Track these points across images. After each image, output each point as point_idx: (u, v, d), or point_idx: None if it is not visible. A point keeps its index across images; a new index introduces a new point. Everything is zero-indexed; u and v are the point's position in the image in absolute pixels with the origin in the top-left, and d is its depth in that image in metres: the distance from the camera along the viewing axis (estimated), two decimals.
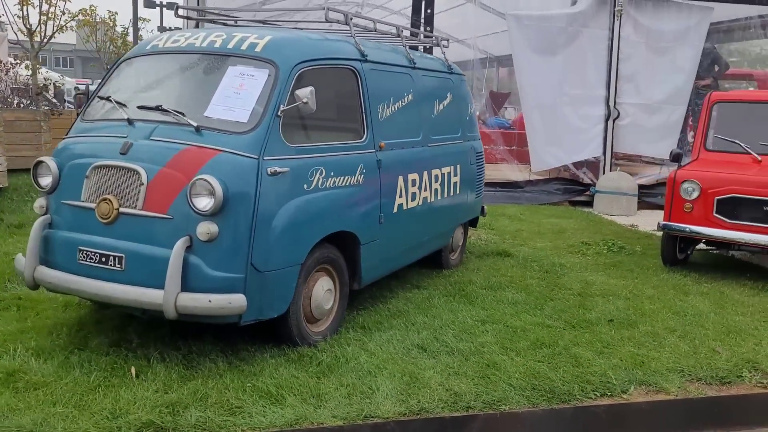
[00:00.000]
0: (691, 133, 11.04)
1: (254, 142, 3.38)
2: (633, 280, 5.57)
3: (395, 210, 4.40)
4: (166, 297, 3.15)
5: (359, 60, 4.17)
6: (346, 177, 3.90)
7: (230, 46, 3.73)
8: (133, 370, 3.34)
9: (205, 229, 3.20)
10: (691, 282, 5.56)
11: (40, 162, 3.66)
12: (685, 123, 10.59)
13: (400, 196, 4.46)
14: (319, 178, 3.67)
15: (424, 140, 4.86)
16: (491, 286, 5.14)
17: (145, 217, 3.31)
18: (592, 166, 10.20)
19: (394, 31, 5.08)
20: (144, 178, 3.32)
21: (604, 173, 9.92)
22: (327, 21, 4.14)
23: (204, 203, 3.20)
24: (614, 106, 9.89)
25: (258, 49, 3.66)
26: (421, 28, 8.98)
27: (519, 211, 8.78)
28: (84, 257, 3.41)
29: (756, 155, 5.86)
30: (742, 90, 10.94)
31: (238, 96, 3.52)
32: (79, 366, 3.37)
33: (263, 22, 5.00)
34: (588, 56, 9.79)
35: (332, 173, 3.77)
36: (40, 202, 3.68)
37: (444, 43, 5.80)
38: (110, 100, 3.75)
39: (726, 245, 5.94)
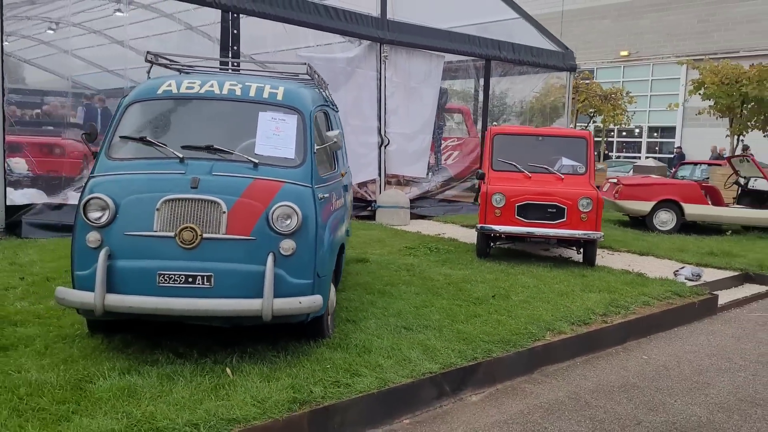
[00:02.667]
0: (432, 155, 13.68)
1: (305, 175, 4.23)
2: (471, 269, 7.38)
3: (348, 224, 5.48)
4: (265, 303, 3.84)
5: (328, 105, 5.17)
6: (339, 200, 4.90)
7: (252, 94, 4.46)
8: (228, 370, 3.91)
9: (288, 245, 3.97)
10: (507, 267, 7.59)
11: (94, 198, 3.92)
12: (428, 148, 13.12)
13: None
14: (334, 202, 4.63)
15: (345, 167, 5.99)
16: (389, 284, 6.43)
17: (229, 240, 3.92)
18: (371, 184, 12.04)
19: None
20: (224, 207, 3.92)
21: (380, 191, 11.81)
22: (299, 74, 5.06)
23: (287, 224, 3.97)
24: (384, 135, 11.88)
25: (279, 97, 4.48)
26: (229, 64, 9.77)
27: None
28: (165, 280, 3.85)
29: (527, 173, 8.20)
30: (513, 125, 13.77)
31: (278, 137, 4.31)
32: (174, 377, 3.80)
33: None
34: (363, 93, 11.61)
35: (335, 197, 4.75)
36: (93, 236, 3.92)
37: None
38: (146, 141, 4.17)
39: (521, 239, 8.16)
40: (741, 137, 15.29)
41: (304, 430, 3.54)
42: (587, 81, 18.90)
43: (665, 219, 11.69)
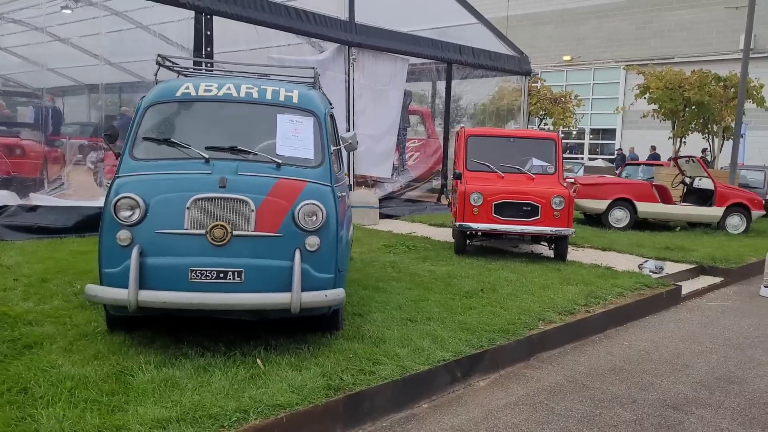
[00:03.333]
0: (397, 155, 13.98)
1: (325, 174, 4.45)
2: (452, 266, 7.70)
3: None
4: (294, 297, 4.03)
5: (332, 107, 5.38)
6: (348, 198, 5.12)
7: (268, 97, 4.64)
8: (259, 361, 4.09)
9: (313, 241, 4.18)
10: (485, 263, 7.95)
11: (125, 197, 4.03)
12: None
13: None
14: (346, 200, 4.85)
15: None
16: (380, 280, 6.68)
17: (258, 237, 4.09)
18: None
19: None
20: (252, 205, 4.09)
21: (350, 191, 12.03)
22: (305, 77, 5.26)
23: (313, 221, 4.17)
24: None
25: (295, 100, 4.67)
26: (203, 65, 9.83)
27: None
28: (197, 276, 3.99)
29: (500, 173, 8.59)
30: (485, 127, 14.15)
31: (297, 138, 4.50)
32: (209, 368, 3.95)
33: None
34: (333, 95, 11.72)
35: (346, 196, 4.97)
36: (124, 234, 4.03)
37: None
38: (171, 142, 4.30)
39: (496, 236, 8.54)
40: (683, 139, 16.21)
41: (340, 415, 3.76)
42: (538, 84, 19.58)
43: (619, 216, 12.33)
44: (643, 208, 12.32)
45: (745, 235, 12.17)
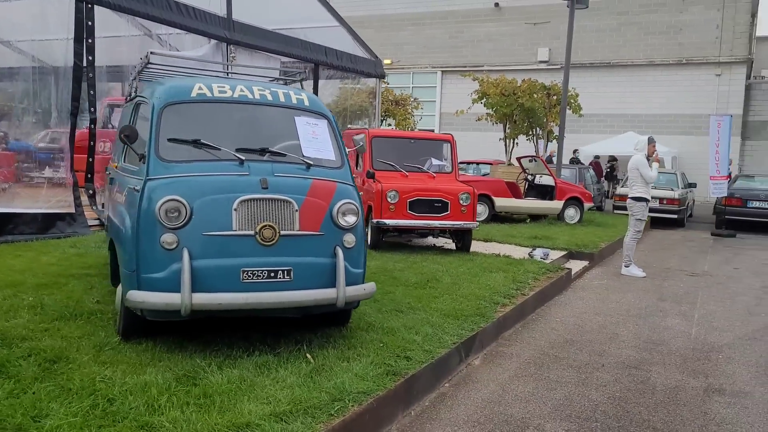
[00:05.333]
0: None
1: (347, 174, 4.67)
2: (379, 260, 8.10)
3: None
4: (339, 292, 4.24)
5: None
6: None
7: (282, 99, 4.73)
8: (309, 356, 4.22)
9: (350, 238, 4.40)
10: (404, 257, 8.48)
11: (170, 200, 3.93)
12: None
13: None
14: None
15: None
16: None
17: (302, 236, 4.22)
18: None
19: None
20: (296, 206, 4.21)
21: None
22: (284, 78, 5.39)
23: (352, 220, 4.39)
24: None
25: (306, 103, 4.82)
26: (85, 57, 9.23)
27: None
28: (249, 276, 4.04)
29: (404, 172, 9.20)
30: (388, 129, 14.36)
31: (317, 140, 4.67)
32: (267, 366, 4.01)
33: None
34: None
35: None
36: (170, 238, 3.93)
37: None
38: (202, 144, 4.26)
39: (408, 231, 9.09)
40: (515, 140, 18.11)
41: (401, 397, 4.06)
42: (383, 86, 20.53)
43: (480, 210, 13.54)
44: (500, 202, 13.69)
45: (581, 225, 14.04)
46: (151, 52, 4.90)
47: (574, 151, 23.35)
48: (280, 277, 4.12)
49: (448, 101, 32.45)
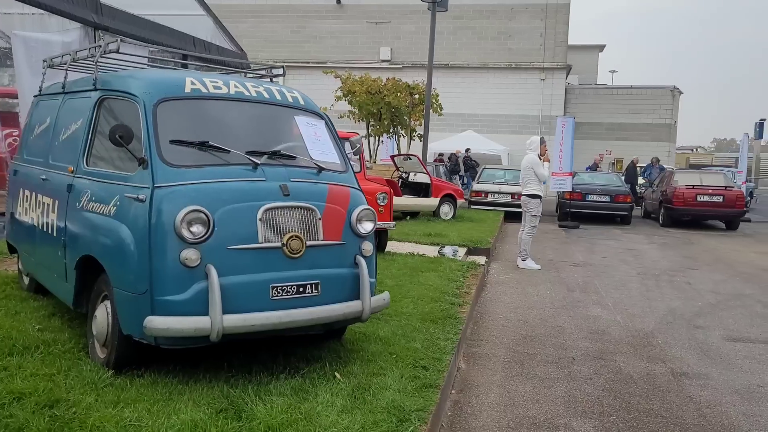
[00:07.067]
0: None
1: (353, 178, 4.40)
2: None
3: None
4: (365, 304, 3.99)
5: None
6: None
7: (278, 97, 4.34)
8: (337, 375, 3.92)
9: (368, 246, 4.16)
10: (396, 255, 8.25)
11: (193, 210, 3.43)
12: None
13: None
14: None
15: None
16: None
17: (326, 246, 3.91)
18: None
19: None
20: (318, 213, 3.89)
21: None
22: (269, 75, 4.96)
23: (369, 227, 4.15)
24: None
25: (301, 102, 4.46)
26: None
27: None
28: (279, 292, 3.66)
29: None
30: None
31: (320, 142, 4.34)
32: (303, 389, 3.66)
33: None
34: None
35: None
36: (191, 254, 3.43)
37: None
38: (208, 146, 3.77)
39: None
40: (380, 138, 18.34)
41: (445, 412, 3.93)
42: None
43: None
44: None
45: (456, 221, 14.58)
46: (122, 40, 4.22)
47: (467, 150, 24.07)
48: (308, 292, 3.79)
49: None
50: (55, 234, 4.40)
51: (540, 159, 9.94)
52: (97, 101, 4.31)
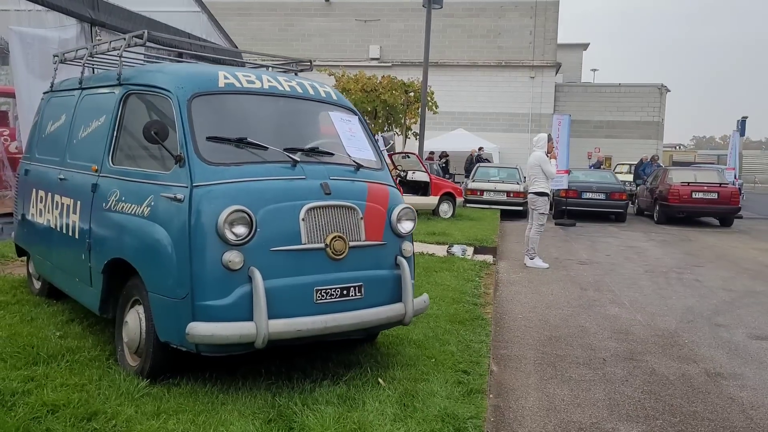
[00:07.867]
0: None
1: (389, 176, 4.23)
2: None
3: None
4: (408, 307, 3.84)
5: None
6: None
7: (311, 92, 4.16)
8: (381, 381, 3.76)
9: (408, 247, 4.01)
10: None
11: (236, 210, 3.25)
12: None
13: None
14: None
15: None
16: None
17: (368, 246, 3.75)
18: None
19: None
20: (360, 213, 3.73)
21: None
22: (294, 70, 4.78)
23: (409, 227, 3.99)
24: None
25: (334, 97, 4.29)
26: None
27: None
28: (323, 296, 3.50)
29: None
30: None
31: (356, 138, 4.17)
32: (349, 397, 3.50)
33: None
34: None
35: None
36: (234, 256, 3.26)
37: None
38: (246, 143, 3.59)
39: None
40: (375, 136, 18.20)
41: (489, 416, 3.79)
42: None
43: None
44: None
45: (456, 219, 14.47)
46: (148, 32, 4.02)
47: (479, 149, 23.93)
48: (352, 295, 3.63)
49: None
50: (77, 236, 4.19)
51: (547, 156, 9.83)
52: (122, 97, 4.11)
